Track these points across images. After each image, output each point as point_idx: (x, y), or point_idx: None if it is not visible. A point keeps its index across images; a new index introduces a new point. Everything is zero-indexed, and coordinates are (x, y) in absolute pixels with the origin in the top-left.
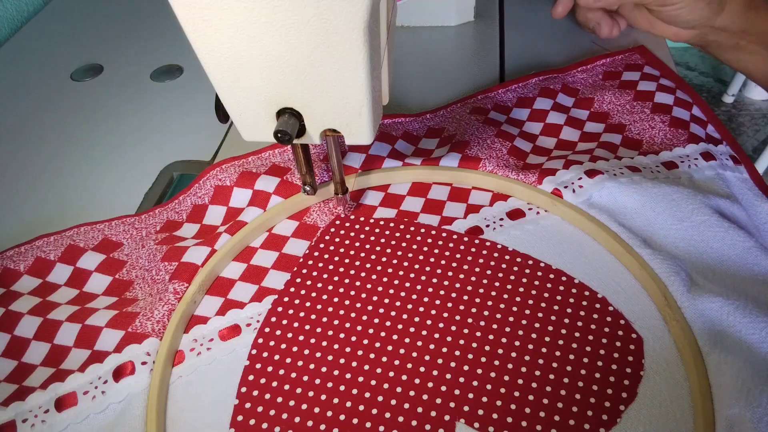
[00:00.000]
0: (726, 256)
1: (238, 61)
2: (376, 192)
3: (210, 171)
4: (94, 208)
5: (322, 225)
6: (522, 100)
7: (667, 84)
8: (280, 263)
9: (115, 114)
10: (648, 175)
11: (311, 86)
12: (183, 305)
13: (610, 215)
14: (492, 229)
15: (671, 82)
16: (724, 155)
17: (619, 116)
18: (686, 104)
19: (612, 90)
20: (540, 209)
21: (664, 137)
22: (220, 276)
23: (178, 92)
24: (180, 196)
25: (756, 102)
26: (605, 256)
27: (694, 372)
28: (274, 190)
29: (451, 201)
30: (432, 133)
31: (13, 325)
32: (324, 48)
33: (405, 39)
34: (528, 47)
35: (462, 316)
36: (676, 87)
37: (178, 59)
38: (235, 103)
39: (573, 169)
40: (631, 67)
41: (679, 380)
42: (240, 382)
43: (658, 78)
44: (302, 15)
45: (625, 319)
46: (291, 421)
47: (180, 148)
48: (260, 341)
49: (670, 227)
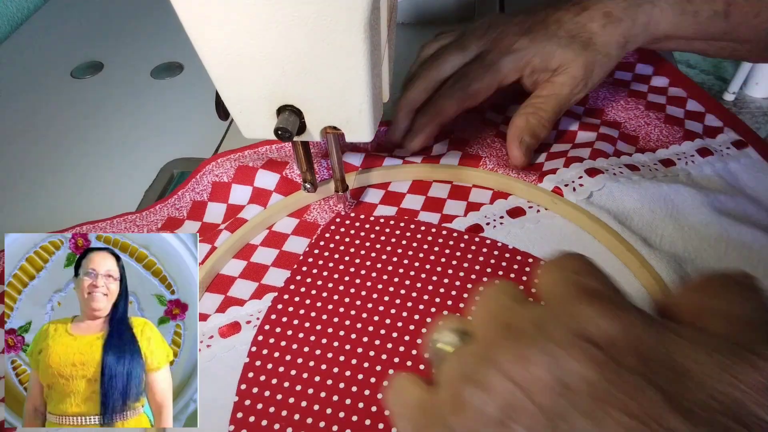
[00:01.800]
0: (725, 253)
1: (238, 59)
2: (376, 190)
3: (206, 165)
4: (94, 206)
5: (322, 223)
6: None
7: (658, 84)
8: (281, 261)
9: (116, 111)
10: (647, 173)
11: (311, 83)
12: None
13: (610, 214)
14: (492, 227)
15: (664, 78)
16: (724, 145)
17: (614, 113)
18: (680, 101)
19: (606, 87)
20: (540, 207)
21: (660, 134)
22: (220, 273)
23: (178, 89)
24: (179, 191)
25: (757, 100)
26: (605, 255)
27: None
28: (274, 188)
29: (452, 199)
30: None
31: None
32: (324, 45)
33: (405, 37)
34: None
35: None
36: (669, 84)
37: (178, 56)
38: (235, 100)
39: (573, 168)
40: (624, 66)
41: None
42: (240, 380)
43: (649, 78)
44: (303, 11)
45: None
46: (290, 419)
47: (180, 145)
48: (260, 338)
49: (668, 227)
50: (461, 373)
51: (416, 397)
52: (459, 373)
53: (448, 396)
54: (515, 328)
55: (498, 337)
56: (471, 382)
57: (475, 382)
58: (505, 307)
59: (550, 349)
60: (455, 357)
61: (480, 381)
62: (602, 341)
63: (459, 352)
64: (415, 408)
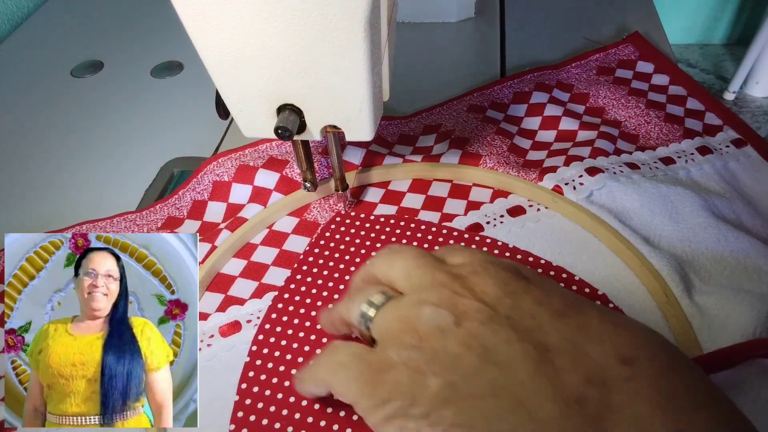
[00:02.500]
0: (721, 256)
1: (238, 57)
2: (376, 189)
3: (207, 165)
4: (94, 205)
5: (322, 222)
6: (518, 95)
7: (658, 83)
8: (281, 260)
9: (116, 111)
10: (647, 172)
11: (312, 82)
12: None
13: (610, 213)
14: (492, 225)
15: (665, 75)
16: (723, 143)
17: (614, 112)
18: (680, 99)
19: (606, 85)
20: (540, 206)
21: (660, 132)
22: (220, 272)
23: (178, 89)
24: (179, 191)
25: (757, 99)
26: (606, 253)
27: None
28: (274, 187)
29: (452, 198)
30: (428, 129)
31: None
32: (325, 44)
33: (405, 35)
34: (529, 44)
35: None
36: (670, 81)
37: (178, 55)
38: (235, 99)
39: (574, 166)
40: (624, 63)
41: None
42: (240, 379)
43: (650, 76)
44: (303, 10)
45: (625, 315)
46: (291, 417)
47: (180, 144)
48: (261, 338)
49: (667, 228)
50: (404, 311)
51: (354, 350)
52: (401, 312)
53: (396, 330)
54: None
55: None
56: (421, 303)
57: (422, 302)
58: (427, 266)
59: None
60: (390, 307)
61: (426, 300)
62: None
63: (392, 303)
64: (354, 357)
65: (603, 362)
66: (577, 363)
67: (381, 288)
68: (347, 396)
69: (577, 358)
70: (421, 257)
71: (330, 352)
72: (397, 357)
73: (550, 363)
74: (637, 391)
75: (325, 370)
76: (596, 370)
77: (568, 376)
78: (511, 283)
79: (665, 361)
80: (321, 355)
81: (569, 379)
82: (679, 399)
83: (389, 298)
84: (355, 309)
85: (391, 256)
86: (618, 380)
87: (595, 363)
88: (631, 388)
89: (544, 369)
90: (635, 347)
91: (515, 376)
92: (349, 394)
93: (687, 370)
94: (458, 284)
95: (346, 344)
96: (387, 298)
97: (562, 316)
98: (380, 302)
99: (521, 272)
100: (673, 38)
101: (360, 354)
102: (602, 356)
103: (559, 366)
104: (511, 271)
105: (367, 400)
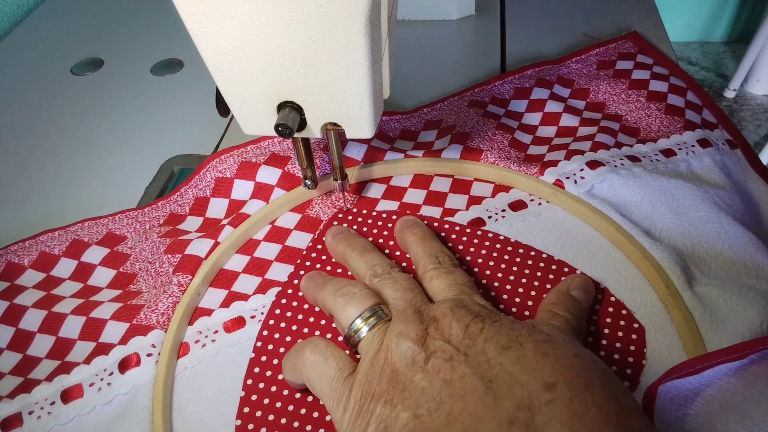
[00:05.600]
0: (721, 251)
1: (238, 55)
2: (377, 184)
3: (209, 162)
4: (94, 203)
5: (324, 218)
6: (519, 90)
7: (660, 71)
8: (284, 255)
9: (116, 108)
10: (648, 165)
11: (312, 79)
12: (187, 297)
13: (611, 206)
14: (494, 220)
15: (664, 68)
16: (720, 140)
17: (615, 106)
18: (681, 90)
19: (607, 80)
20: (542, 200)
21: (661, 124)
22: (223, 268)
23: (178, 86)
24: (181, 188)
25: (758, 97)
26: (607, 247)
27: None
28: (276, 183)
29: (453, 193)
30: (429, 125)
31: (17, 319)
32: (325, 41)
33: (406, 32)
34: (530, 41)
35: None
36: (670, 73)
37: (178, 53)
38: (235, 96)
39: (575, 160)
40: (625, 56)
41: None
42: (245, 375)
43: (651, 66)
44: (303, 7)
45: (627, 308)
46: (297, 413)
47: (180, 142)
48: (265, 333)
49: (668, 221)
50: (386, 340)
51: (338, 365)
52: (385, 340)
53: (375, 361)
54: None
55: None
56: (400, 336)
57: (401, 335)
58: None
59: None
60: (377, 332)
61: (406, 335)
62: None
63: (380, 328)
64: (338, 373)
65: (531, 389)
66: (512, 391)
67: (376, 302)
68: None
69: (511, 387)
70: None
71: (310, 350)
72: (377, 388)
73: (492, 392)
74: (554, 413)
75: (308, 371)
76: (524, 396)
77: (503, 402)
78: (471, 325)
79: (581, 383)
80: (304, 350)
81: (504, 405)
82: (591, 417)
83: (380, 320)
84: (350, 314)
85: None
86: (541, 404)
87: (524, 390)
88: (551, 410)
89: (487, 398)
90: (557, 373)
91: (466, 406)
92: (324, 402)
93: (601, 387)
94: (433, 326)
95: (331, 352)
96: (378, 319)
97: (505, 349)
98: (372, 324)
99: (480, 314)
100: (673, 36)
101: (339, 377)
102: (531, 383)
103: (498, 394)
104: (473, 313)
105: (340, 415)
